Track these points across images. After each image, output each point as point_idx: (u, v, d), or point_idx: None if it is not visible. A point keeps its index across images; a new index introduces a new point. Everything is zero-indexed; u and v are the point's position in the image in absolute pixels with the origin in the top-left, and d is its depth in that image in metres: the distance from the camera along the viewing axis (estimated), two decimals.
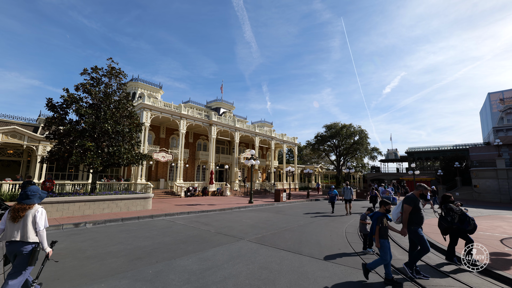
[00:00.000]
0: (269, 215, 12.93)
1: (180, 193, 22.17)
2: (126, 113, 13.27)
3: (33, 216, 3.25)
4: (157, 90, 28.44)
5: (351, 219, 11.84)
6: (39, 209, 3.33)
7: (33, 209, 3.29)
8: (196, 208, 14.15)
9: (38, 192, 3.42)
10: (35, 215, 3.26)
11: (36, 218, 3.24)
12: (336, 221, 11.20)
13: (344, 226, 10.08)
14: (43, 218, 3.31)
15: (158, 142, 26.76)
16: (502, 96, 31.91)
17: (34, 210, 3.28)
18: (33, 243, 3.18)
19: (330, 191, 14.33)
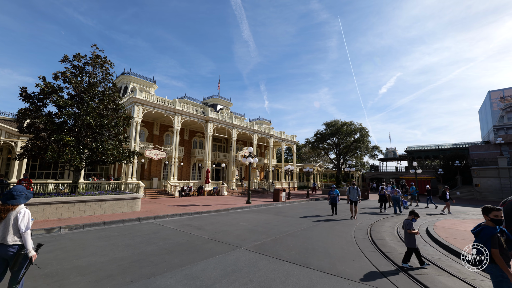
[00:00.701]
0: (268, 217, 11.94)
1: (174, 192, 21.06)
2: (112, 106, 12.11)
3: (15, 217, 3.09)
4: (151, 84, 27.19)
5: (357, 222, 10.90)
6: (22, 210, 3.16)
7: (16, 210, 3.13)
8: (189, 210, 13.09)
9: (24, 191, 3.26)
10: (17, 216, 3.09)
11: (18, 220, 3.08)
12: (341, 224, 10.25)
13: (352, 230, 9.13)
14: (25, 220, 3.13)
15: (152, 139, 25.57)
16: (503, 94, 31.38)
17: (16, 211, 3.12)
18: (14, 246, 3.05)
19: (331, 191, 12.87)
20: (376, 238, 7.65)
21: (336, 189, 12.94)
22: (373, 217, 12.40)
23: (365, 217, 12.26)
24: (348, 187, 11.64)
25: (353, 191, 11.74)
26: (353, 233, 8.56)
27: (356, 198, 11.60)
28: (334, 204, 12.75)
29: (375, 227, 9.63)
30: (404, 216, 12.81)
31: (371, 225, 10.08)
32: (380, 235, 8.10)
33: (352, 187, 11.91)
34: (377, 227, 9.57)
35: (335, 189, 12.94)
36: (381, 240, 7.45)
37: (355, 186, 12.00)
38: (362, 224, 10.39)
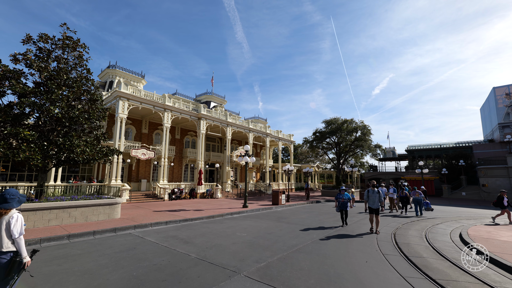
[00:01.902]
0: (269, 224, 10.29)
1: (163, 195, 19.22)
2: (86, 96, 10.31)
3: (7, 222, 2.94)
4: (139, 79, 25.30)
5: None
6: (15, 214, 3.00)
7: (8, 214, 2.98)
8: (178, 216, 11.34)
9: (17, 195, 3.08)
10: (9, 221, 2.94)
11: (10, 225, 2.92)
12: (358, 236, 8.68)
13: (374, 241, 7.56)
14: (18, 224, 2.97)
15: (140, 138, 23.66)
16: (508, 90, 30.59)
17: (8, 216, 2.98)
18: (9, 253, 2.90)
19: (339, 194, 10.00)
20: (412, 255, 6.09)
21: (346, 192, 10.18)
22: (388, 221, 10.89)
23: (382, 221, 10.72)
24: (366, 189, 9.19)
25: (373, 195, 8.94)
26: (378, 246, 6.99)
27: (378, 205, 8.80)
28: (344, 211, 10.02)
29: (401, 237, 8.09)
30: (425, 221, 11.37)
31: (393, 235, 8.54)
32: (413, 250, 6.55)
33: (372, 190, 9.05)
34: (403, 238, 8.03)
35: (345, 192, 10.18)
36: (419, 258, 5.89)
37: (376, 188, 9.17)
38: (383, 232, 8.84)
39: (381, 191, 14.52)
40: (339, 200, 9.95)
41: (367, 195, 9.17)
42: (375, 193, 8.96)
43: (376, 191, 9.00)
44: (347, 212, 10.11)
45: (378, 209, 8.81)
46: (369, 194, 9.11)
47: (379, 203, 8.87)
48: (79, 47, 10.40)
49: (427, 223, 11.09)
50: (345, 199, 9.90)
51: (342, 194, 10.00)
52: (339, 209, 10.00)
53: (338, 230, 9.03)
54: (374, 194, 8.95)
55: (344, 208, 9.94)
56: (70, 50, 10.18)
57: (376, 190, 9.04)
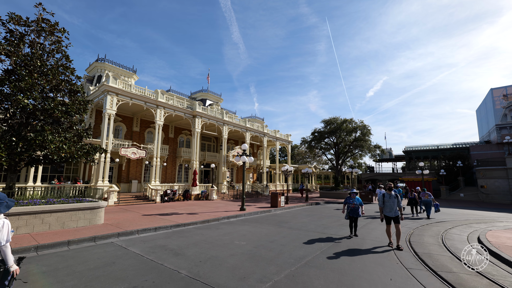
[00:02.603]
0: (270, 230, 9.34)
1: (155, 197, 18.07)
2: (65, 86, 9.18)
3: None
4: (130, 74, 24.04)
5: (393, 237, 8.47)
6: (1, 220, 2.75)
7: None
8: (169, 220, 10.29)
9: (5, 199, 2.86)
10: None
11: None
12: (370, 246, 7.82)
13: (390, 251, 6.69)
14: (4, 231, 2.74)
15: (131, 137, 22.42)
16: (506, 92, 30.53)
17: None
18: None
19: (350, 198, 8.39)
20: (439, 269, 5.23)
21: (358, 196, 8.55)
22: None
23: None
24: (382, 193, 7.50)
25: (390, 201, 7.14)
26: (397, 258, 6.11)
27: (397, 212, 7.04)
28: (354, 219, 8.34)
29: (418, 246, 7.24)
30: (435, 225, 10.62)
31: (408, 242, 7.70)
32: (439, 263, 5.70)
33: (389, 194, 7.21)
34: (420, 246, 7.19)
35: (355, 195, 8.46)
36: (450, 273, 5.03)
37: (393, 191, 7.29)
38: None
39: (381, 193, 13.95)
40: (349, 206, 8.30)
41: (382, 201, 7.33)
42: (392, 197, 7.13)
43: (393, 195, 7.14)
44: (357, 220, 8.44)
45: (398, 217, 7.07)
46: (385, 200, 7.26)
47: (398, 210, 7.08)
48: (57, 32, 9.26)
49: (439, 227, 10.33)
50: (356, 204, 8.26)
51: (353, 198, 8.36)
52: (348, 216, 8.33)
53: (348, 241, 7.96)
54: (392, 199, 7.12)
55: (355, 215, 8.24)
56: (46, 34, 9.04)
57: (394, 193, 7.15)
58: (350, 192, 8.63)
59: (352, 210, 8.30)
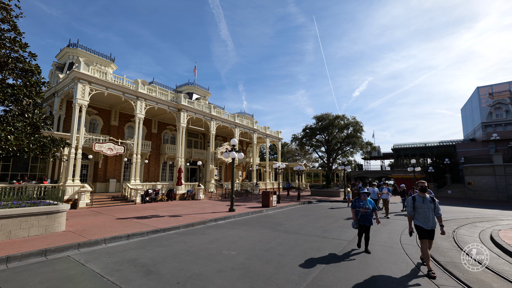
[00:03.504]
0: (264, 234, 8.17)
1: (135, 198, 16.41)
2: (14, 65, 7.49)
3: None
4: (107, 63, 21.94)
5: (412, 245, 7.55)
6: None
7: None
8: (147, 225, 8.86)
9: None
10: None
11: None
12: (382, 254, 6.84)
13: (408, 262, 5.71)
14: None
15: (108, 131, 20.46)
16: (491, 90, 31.20)
17: None
18: None
19: (360, 201, 6.37)
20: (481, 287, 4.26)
21: (370, 199, 6.44)
22: (396, 226, 9.23)
23: (392, 227, 9.08)
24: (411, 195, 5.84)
25: (424, 206, 4.97)
26: (420, 270, 5.12)
27: (434, 223, 4.96)
28: (366, 228, 6.27)
29: (436, 252, 6.33)
30: None
31: None
32: (472, 276, 4.75)
33: (421, 198, 5.06)
34: (439, 253, 6.28)
35: (367, 197, 6.40)
36: None
37: (427, 194, 5.11)
38: (407, 244, 7.08)
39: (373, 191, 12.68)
40: (359, 211, 6.25)
41: (411, 206, 5.08)
42: (427, 202, 4.93)
43: (428, 198, 5.00)
44: (369, 230, 6.30)
45: (434, 231, 4.93)
46: (416, 205, 5.01)
47: (434, 218, 4.94)
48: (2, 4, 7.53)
49: (445, 228, 9.60)
50: (369, 208, 6.19)
51: (364, 200, 6.31)
52: (358, 224, 6.27)
53: (360, 257, 6.12)
54: (427, 204, 4.92)
55: (366, 223, 6.15)
56: None
57: (429, 197, 5.04)
58: (360, 192, 6.47)
59: (363, 217, 6.19)
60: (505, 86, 31.38)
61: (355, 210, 6.42)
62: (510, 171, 24.32)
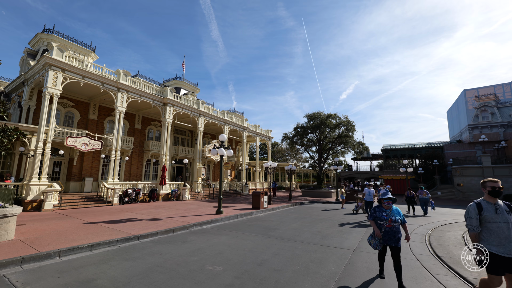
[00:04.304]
0: (255, 242, 7.12)
1: (112, 198, 14.89)
2: None
3: None
4: (86, 52, 20.12)
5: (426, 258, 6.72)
6: None
7: None
8: (119, 231, 7.57)
9: None
10: None
11: None
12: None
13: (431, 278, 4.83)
14: None
15: (86, 125, 18.70)
16: (477, 93, 31.82)
17: None
18: None
19: (382, 211, 4.48)
20: None
21: (396, 208, 4.53)
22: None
23: None
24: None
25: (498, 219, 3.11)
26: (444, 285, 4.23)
27: None
28: (394, 250, 4.21)
29: (453, 262, 5.51)
30: (447, 228, 9.24)
31: (439, 258, 5.97)
32: None
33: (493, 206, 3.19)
34: (455, 263, 5.46)
35: (392, 204, 4.47)
36: None
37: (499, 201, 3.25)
38: (421, 254, 6.26)
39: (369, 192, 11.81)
40: (382, 225, 4.35)
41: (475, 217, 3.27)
42: (502, 211, 3.16)
43: (503, 206, 3.20)
44: (398, 253, 4.16)
45: None
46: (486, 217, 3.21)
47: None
48: None
49: (452, 232, 8.94)
50: (395, 221, 4.26)
51: (388, 210, 4.42)
52: (383, 244, 4.37)
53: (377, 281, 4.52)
54: (502, 214, 3.13)
55: (393, 243, 4.23)
56: None
57: (504, 205, 3.22)
58: (382, 197, 4.48)
59: (388, 234, 4.23)
60: (490, 89, 32.08)
61: (377, 224, 4.43)
62: (498, 172, 24.63)
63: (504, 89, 31.96)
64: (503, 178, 24.62)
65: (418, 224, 10.64)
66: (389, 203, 4.45)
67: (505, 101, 30.78)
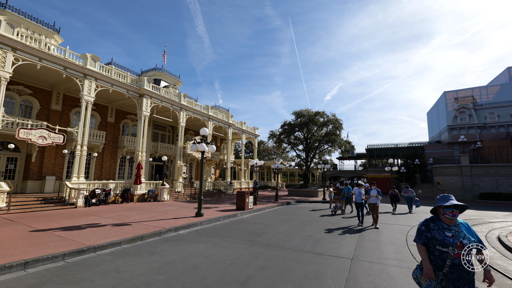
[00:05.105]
0: (239, 252, 6.02)
1: (76, 200, 13.09)
2: None
3: None
4: (49, 33, 17.79)
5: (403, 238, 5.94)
6: None
7: None
8: (70, 242, 6.14)
9: None
10: None
11: None
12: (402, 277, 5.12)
13: None
14: None
15: (47, 117, 16.52)
16: (457, 95, 32.99)
17: None
18: None
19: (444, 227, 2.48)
20: None
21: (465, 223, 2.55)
22: (394, 233, 7.83)
23: (391, 231, 7.62)
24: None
25: None
26: None
27: None
28: None
29: None
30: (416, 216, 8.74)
31: None
32: None
33: None
34: None
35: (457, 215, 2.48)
36: None
37: None
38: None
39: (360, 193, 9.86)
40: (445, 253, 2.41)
41: None
42: None
43: None
44: None
45: None
46: None
47: None
48: None
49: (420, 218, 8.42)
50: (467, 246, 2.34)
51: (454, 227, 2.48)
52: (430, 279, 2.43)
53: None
54: None
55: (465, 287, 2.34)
56: None
57: None
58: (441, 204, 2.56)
59: (456, 270, 2.34)
60: (469, 92, 33.40)
61: (431, 251, 2.53)
62: (475, 171, 25.48)
63: (481, 92, 33.46)
64: (480, 177, 25.53)
65: (410, 224, 10.12)
66: (454, 215, 2.47)
67: (482, 103, 32.21)
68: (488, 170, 25.18)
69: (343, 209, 13.05)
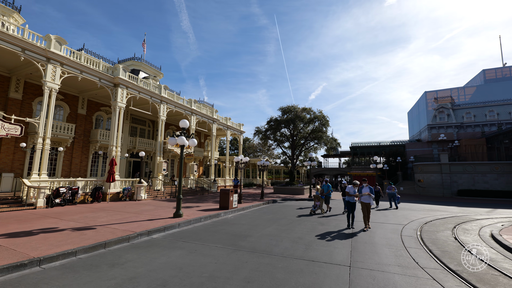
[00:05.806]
0: (220, 260, 5.15)
1: (35, 200, 11.50)
2: None
3: None
4: (7, 11, 15.64)
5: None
6: None
7: None
8: (11, 252, 4.93)
9: None
10: None
11: None
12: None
13: None
14: None
15: (5, 106, 14.54)
16: (436, 95, 34.11)
17: None
18: None
19: None
20: None
21: None
22: (387, 231, 7.36)
23: (384, 231, 7.13)
24: None
25: None
26: None
27: None
28: None
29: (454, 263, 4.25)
30: (411, 220, 8.37)
31: (435, 255, 4.70)
32: None
33: None
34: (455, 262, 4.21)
35: None
36: None
37: None
38: (435, 269, 4.95)
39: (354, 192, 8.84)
40: None
41: None
42: None
43: None
44: None
45: None
46: None
47: None
48: None
49: (432, 228, 8.08)
50: None
51: None
52: None
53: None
54: None
55: None
56: None
57: None
58: None
59: None
60: (447, 92, 34.65)
61: None
62: (454, 169, 26.39)
63: (459, 93, 34.88)
64: (458, 174, 26.48)
65: (401, 223, 9.78)
66: None
67: (459, 104, 33.57)
68: (466, 167, 26.18)
69: (323, 208, 12.51)
